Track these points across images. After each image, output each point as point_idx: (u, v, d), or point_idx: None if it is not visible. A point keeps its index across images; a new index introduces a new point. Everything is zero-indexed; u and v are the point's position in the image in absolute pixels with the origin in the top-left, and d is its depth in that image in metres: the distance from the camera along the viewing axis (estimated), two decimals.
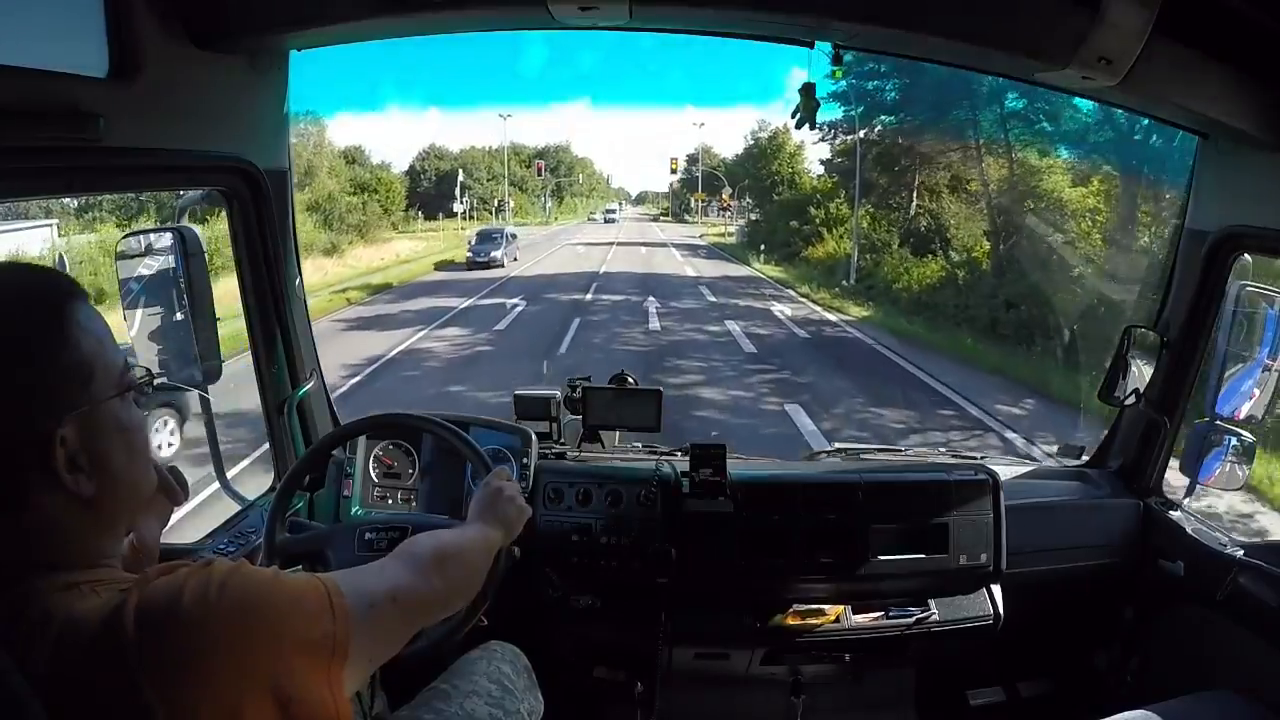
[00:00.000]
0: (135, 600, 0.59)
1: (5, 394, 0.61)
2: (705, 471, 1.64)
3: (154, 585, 0.61)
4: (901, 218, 17.24)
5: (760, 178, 24.86)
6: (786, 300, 15.55)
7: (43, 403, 0.62)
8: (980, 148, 15.61)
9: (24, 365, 0.61)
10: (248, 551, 1.50)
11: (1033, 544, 1.73)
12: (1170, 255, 1.76)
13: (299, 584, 0.67)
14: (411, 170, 29.71)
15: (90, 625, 0.58)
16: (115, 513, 0.69)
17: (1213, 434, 1.67)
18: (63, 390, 0.63)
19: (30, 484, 0.61)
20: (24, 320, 0.63)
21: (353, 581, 0.72)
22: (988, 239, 14.81)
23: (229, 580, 0.62)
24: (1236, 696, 1.42)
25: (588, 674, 1.84)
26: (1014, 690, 1.97)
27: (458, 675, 1.28)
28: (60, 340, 0.63)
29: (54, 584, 0.61)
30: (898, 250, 16.43)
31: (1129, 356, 1.72)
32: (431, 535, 0.92)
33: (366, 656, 0.70)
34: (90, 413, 0.64)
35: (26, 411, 0.61)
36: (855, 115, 18.46)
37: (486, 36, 11.90)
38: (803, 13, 1.25)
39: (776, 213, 22.42)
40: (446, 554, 0.88)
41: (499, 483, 1.13)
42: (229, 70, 1.37)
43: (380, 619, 0.72)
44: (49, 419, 0.61)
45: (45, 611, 0.59)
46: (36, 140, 1.01)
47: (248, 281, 1.60)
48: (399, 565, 0.82)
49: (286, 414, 1.70)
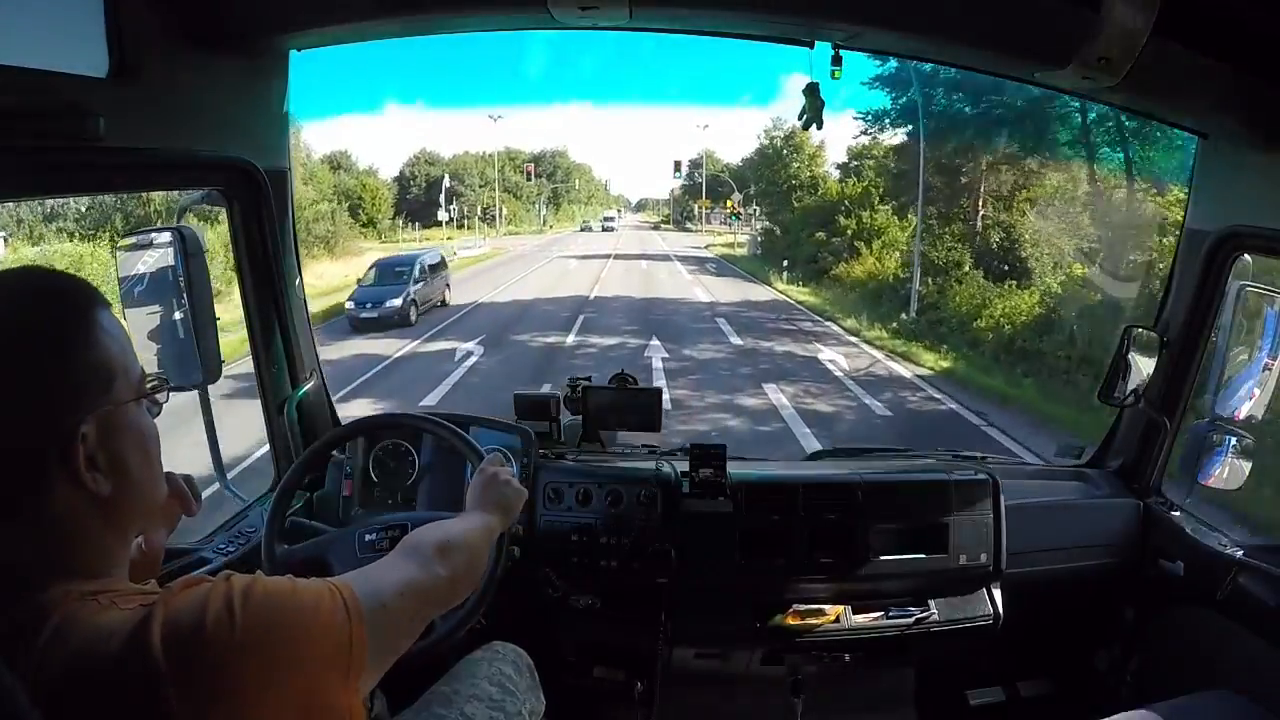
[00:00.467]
0: (160, 619, 0.59)
1: (33, 388, 0.62)
2: (705, 471, 1.64)
3: (177, 602, 0.61)
4: (965, 230, 13.54)
5: (775, 182, 21.93)
6: (833, 341, 11.84)
7: (68, 399, 0.63)
8: (1089, 135, 11.26)
9: (52, 361, 0.63)
10: (248, 551, 1.50)
11: (1033, 544, 1.73)
12: (1170, 255, 1.76)
13: (315, 592, 0.67)
14: (401, 176, 28.64)
15: (113, 643, 0.58)
16: (128, 515, 0.69)
17: (1213, 434, 1.67)
18: (86, 389, 0.64)
19: (51, 480, 0.62)
20: (53, 318, 0.64)
21: (364, 582, 0.73)
22: (1097, 263, 10.81)
23: (250, 594, 0.62)
24: (1236, 696, 1.42)
25: (588, 674, 1.84)
26: (1014, 690, 1.96)
27: (459, 678, 1.28)
28: (86, 340, 0.65)
29: (70, 594, 0.61)
30: (970, 273, 12.56)
31: (1129, 356, 1.72)
32: (433, 526, 0.93)
33: (382, 655, 0.71)
34: (110, 414, 0.65)
35: (52, 407, 0.62)
36: (915, 100, 14.57)
37: (485, 38, 11.26)
38: (803, 13, 1.25)
39: (797, 221, 19.48)
40: (450, 543, 0.89)
41: (492, 468, 1.14)
42: (229, 70, 1.37)
43: (393, 616, 0.73)
44: (72, 416, 0.62)
45: (62, 623, 0.59)
46: (36, 140, 1.01)
47: (248, 281, 1.61)
48: (405, 560, 0.83)
49: (286, 414, 1.70)
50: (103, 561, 0.66)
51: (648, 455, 1.83)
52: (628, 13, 1.23)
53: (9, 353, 0.61)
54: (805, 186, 20.52)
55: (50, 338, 0.63)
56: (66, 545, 0.64)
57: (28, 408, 0.61)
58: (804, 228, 18.63)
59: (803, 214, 19.45)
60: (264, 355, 1.66)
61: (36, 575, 0.62)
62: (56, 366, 0.63)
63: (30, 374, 0.62)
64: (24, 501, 0.62)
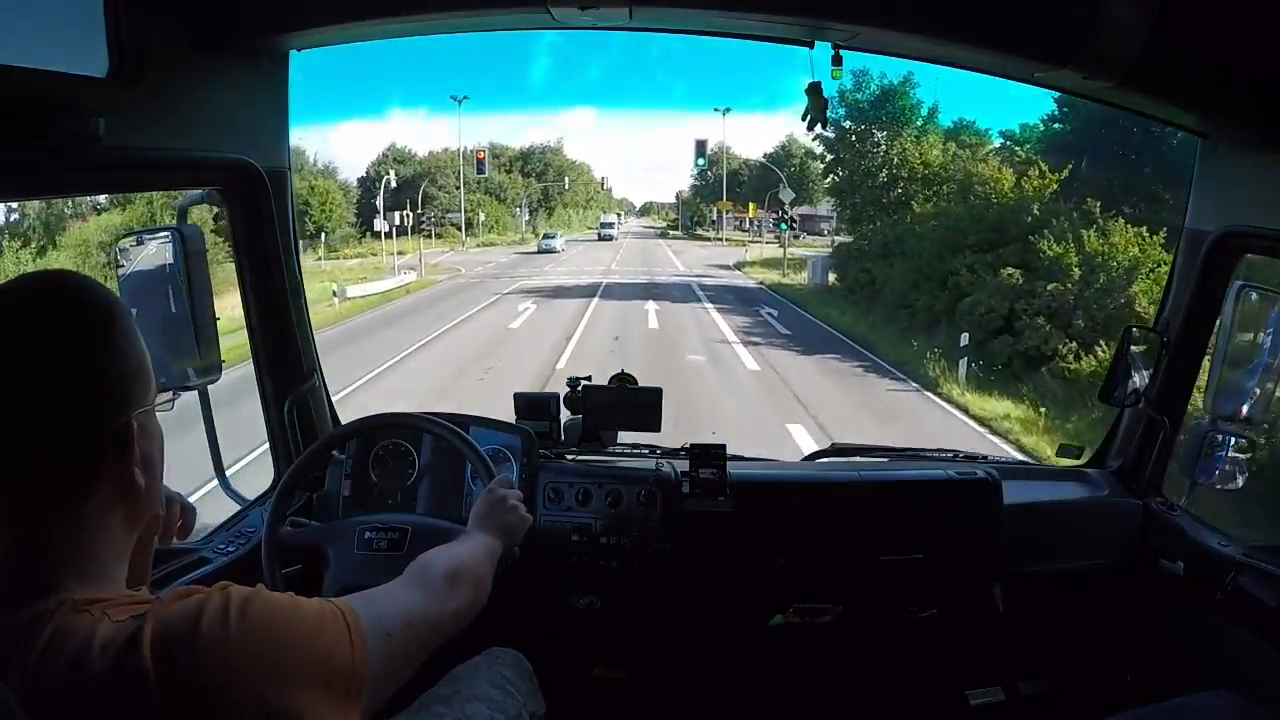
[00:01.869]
0: (151, 628, 0.58)
1: (95, 384, 0.64)
2: (705, 471, 1.64)
3: (170, 612, 0.60)
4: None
5: (868, 172, 13.72)
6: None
7: (122, 396, 0.65)
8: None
9: (111, 359, 0.65)
10: (248, 551, 1.50)
11: (1033, 544, 1.73)
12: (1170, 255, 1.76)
13: (317, 611, 0.66)
14: (366, 178, 24.64)
15: (105, 656, 0.58)
16: (143, 515, 0.70)
17: (1213, 434, 1.67)
18: (135, 387, 0.67)
19: (102, 473, 0.64)
20: (107, 318, 0.67)
21: (369, 608, 0.71)
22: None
23: (248, 608, 0.61)
24: (1236, 696, 1.42)
25: (588, 674, 1.84)
26: (1014, 690, 1.96)
27: (459, 680, 1.28)
28: (132, 342, 0.68)
29: (64, 604, 0.61)
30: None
31: (1129, 356, 1.72)
32: (441, 554, 0.93)
33: (381, 684, 0.70)
34: (147, 414, 0.68)
35: (109, 403, 0.65)
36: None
37: (486, 40, 10.71)
38: (803, 13, 1.25)
39: (930, 241, 11.03)
40: (458, 573, 0.89)
41: (501, 490, 1.15)
42: (230, 70, 1.38)
43: (397, 647, 0.72)
44: (124, 413, 0.65)
45: (55, 634, 0.59)
46: (36, 140, 1.01)
47: (248, 281, 1.61)
48: (412, 589, 0.82)
49: (286, 414, 1.70)
50: (116, 563, 0.67)
51: (648, 455, 1.83)
52: (628, 13, 1.24)
53: (71, 350, 0.63)
54: (928, 180, 12.80)
55: (106, 337, 0.66)
56: (92, 546, 0.64)
57: (89, 403, 0.63)
58: (947, 252, 10.28)
59: (942, 229, 10.96)
60: (264, 355, 1.66)
61: (53, 581, 0.62)
62: (113, 365, 0.65)
63: (91, 371, 0.64)
64: (76, 494, 0.63)
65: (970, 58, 1.53)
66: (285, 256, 1.63)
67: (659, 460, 1.73)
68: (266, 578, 1.34)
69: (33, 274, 0.71)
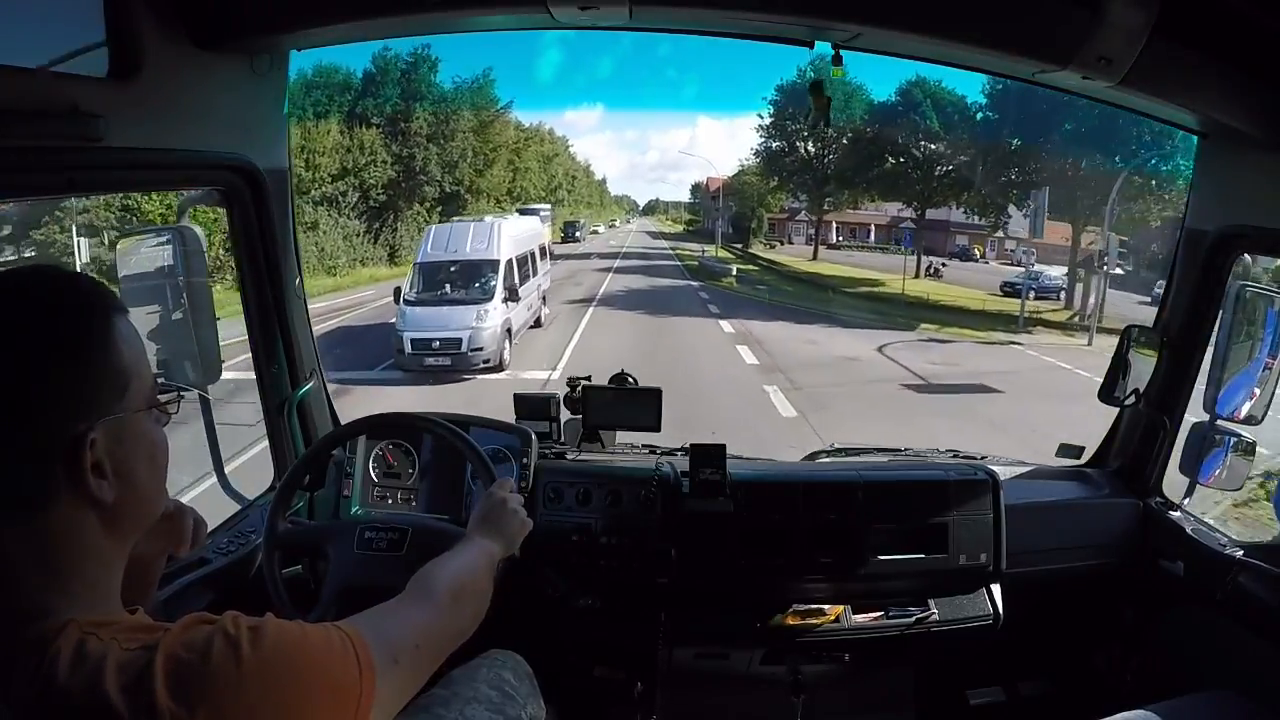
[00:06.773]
0: (162, 661, 0.58)
1: (46, 391, 0.61)
2: (705, 471, 1.64)
3: (180, 643, 0.59)
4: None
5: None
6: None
7: (80, 404, 0.62)
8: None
9: (69, 364, 0.62)
10: (248, 551, 1.50)
11: (1033, 544, 1.73)
12: (1170, 255, 1.76)
13: (325, 641, 0.66)
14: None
15: (117, 685, 0.57)
16: (129, 525, 0.68)
17: (1213, 434, 1.67)
18: (100, 394, 0.63)
19: (56, 483, 0.61)
20: (72, 322, 0.64)
21: (376, 633, 0.71)
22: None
23: (259, 636, 0.61)
24: (1236, 696, 1.42)
25: (588, 674, 1.84)
26: (1014, 690, 1.97)
27: (459, 682, 1.27)
28: (104, 346, 0.64)
29: (69, 626, 0.60)
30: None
31: (1129, 356, 1.72)
32: (444, 568, 0.92)
33: (389, 706, 0.70)
34: (121, 421, 0.64)
35: (64, 410, 0.62)
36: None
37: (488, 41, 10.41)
38: (803, 13, 1.25)
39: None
40: (462, 586, 0.88)
41: (502, 494, 1.15)
42: (229, 70, 1.37)
43: (404, 671, 0.72)
44: (83, 421, 0.62)
45: (60, 659, 0.58)
46: (36, 140, 1.01)
47: (248, 281, 1.61)
48: (418, 607, 0.82)
49: (286, 414, 1.70)
50: (103, 575, 0.65)
51: (648, 455, 1.83)
52: (628, 12, 1.24)
53: (22, 354, 0.60)
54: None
55: (66, 341, 0.62)
56: (67, 558, 0.62)
57: (39, 411, 0.61)
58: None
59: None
60: (264, 355, 1.66)
61: (37, 596, 0.61)
62: (71, 371, 0.62)
63: (43, 377, 0.61)
64: (31, 504, 0.61)
65: (970, 58, 1.52)
66: (285, 256, 1.63)
67: (659, 460, 1.73)
68: (267, 578, 1.34)
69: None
